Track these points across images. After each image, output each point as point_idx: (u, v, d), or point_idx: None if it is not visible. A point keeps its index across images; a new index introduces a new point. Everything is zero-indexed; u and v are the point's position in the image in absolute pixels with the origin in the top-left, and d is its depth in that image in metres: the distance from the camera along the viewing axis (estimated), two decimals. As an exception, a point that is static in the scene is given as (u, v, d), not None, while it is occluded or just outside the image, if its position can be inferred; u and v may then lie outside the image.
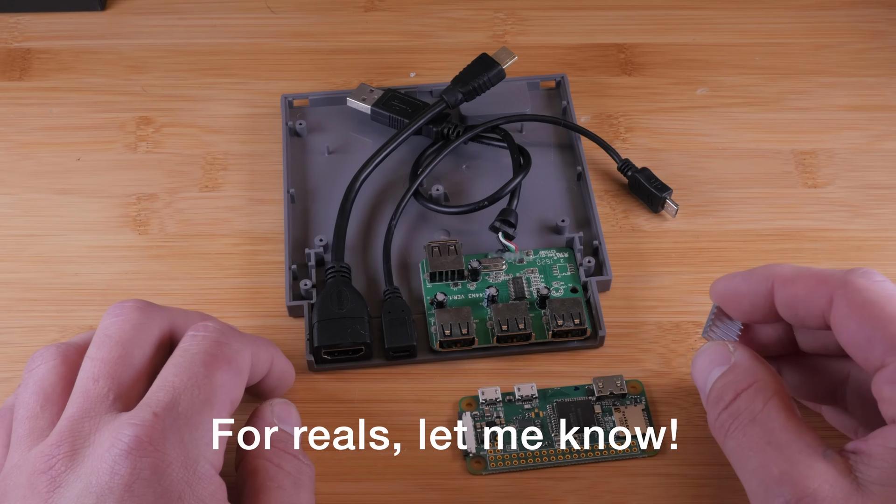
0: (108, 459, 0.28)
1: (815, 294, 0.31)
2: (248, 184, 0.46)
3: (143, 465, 0.28)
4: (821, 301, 0.30)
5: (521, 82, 0.48)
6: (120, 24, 0.52)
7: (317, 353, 0.39)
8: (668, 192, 0.44)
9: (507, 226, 0.42)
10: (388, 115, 0.46)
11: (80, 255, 0.43)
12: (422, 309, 0.41)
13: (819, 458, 0.28)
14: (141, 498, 0.28)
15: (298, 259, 0.42)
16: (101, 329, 0.33)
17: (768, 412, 0.30)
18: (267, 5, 0.53)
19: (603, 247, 0.42)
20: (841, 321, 0.30)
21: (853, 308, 0.30)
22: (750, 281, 0.33)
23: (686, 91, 0.49)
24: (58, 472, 0.29)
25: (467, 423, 0.37)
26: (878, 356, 0.29)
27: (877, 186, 0.46)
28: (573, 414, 0.37)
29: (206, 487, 0.29)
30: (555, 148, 0.47)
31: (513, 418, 0.38)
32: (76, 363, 0.33)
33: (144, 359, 0.32)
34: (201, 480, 0.29)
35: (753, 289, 0.32)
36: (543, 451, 0.37)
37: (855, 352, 0.30)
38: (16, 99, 0.49)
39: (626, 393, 0.38)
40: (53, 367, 0.33)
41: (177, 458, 0.28)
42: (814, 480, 0.28)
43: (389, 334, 0.39)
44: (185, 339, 0.32)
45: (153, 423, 0.29)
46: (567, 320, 0.39)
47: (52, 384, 0.32)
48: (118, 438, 0.28)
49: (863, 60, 0.51)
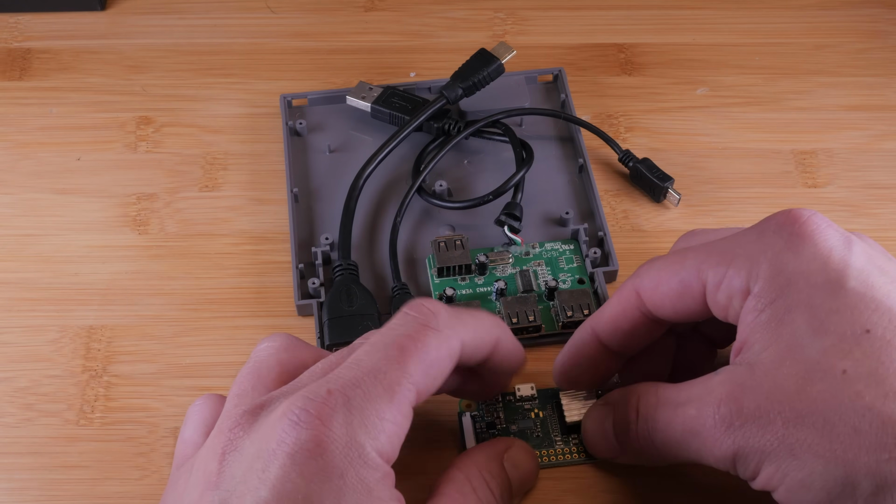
0: (278, 428, 0.28)
1: (682, 295, 0.33)
2: (249, 184, 0.46)
3: (306, 438, 0.28)
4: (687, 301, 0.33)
5: (519, 77, 0.48)
6: (120, 24, 0.52)
7: (328, 350, 0.39)
8: (669, 181, 0.44)
9: (513, 219, 0.42)
10: (388, 112, 0.46)
11: (80, 255, 0.43)
12: (431, 305, 0.41)
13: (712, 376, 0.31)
14: (302, 468, 0.27)
15: (304, 258, 0.43)
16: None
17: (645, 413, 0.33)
18: (267, 5, 0.53)
19: (608, 237, 0.42)
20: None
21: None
22: (615, 308, 0.35)
23: (686, 91, 0.49)
24: (236, 435, 0.29)
25: (467, 423, 0.37)
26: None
27: (877, 186, 0.46)
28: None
29: (370, 472, 0.28)
30: (555, 141, 0.47)
31: (513, 418, 0.37)
32: (301, 353, 0.33)
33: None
34: (366, 464, 0.28)
35: (618, 319, 0.35)
36: (543, 452, 0.37)
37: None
38: (16, 99, 0.49)
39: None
40: (276, 352, 0.33)
41: (340, 438, 0.28)
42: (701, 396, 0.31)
43: None
44: (398, 314, 0.32)
45: (325, 399, 0.29)
46: (576, 311, 0.40)
47: (268, 368, 0.32)
48: (290, 409, 0.28)
49: (863, 60, 0.51)
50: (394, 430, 0.29)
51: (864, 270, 0.29)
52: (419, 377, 0.30)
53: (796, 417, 0.28)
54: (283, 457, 0.28)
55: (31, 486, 0.37)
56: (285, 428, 0.28)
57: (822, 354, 0.28)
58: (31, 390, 0.39)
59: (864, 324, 0.28)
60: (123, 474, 0.37)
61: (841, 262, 0.30)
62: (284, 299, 0.42)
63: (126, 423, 0.38)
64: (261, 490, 0.27)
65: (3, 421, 0.38)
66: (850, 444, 0.27)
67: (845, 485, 0.27)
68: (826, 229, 0.30)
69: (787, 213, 0.31)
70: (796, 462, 0.28)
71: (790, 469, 0.28)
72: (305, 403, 0.28)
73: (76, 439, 0.38)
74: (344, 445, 0.28)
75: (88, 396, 0.39)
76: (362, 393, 0.29)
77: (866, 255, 0.30)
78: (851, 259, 0.30)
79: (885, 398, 0.27)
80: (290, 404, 0.29)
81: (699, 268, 0.32)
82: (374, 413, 0.29)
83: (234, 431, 0.29)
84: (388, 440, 0.29)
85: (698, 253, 0.32)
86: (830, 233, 0.30)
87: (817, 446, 0.28)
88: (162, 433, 0.38)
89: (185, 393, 0.39)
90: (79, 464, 0.37)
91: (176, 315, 0.41)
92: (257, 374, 0.32)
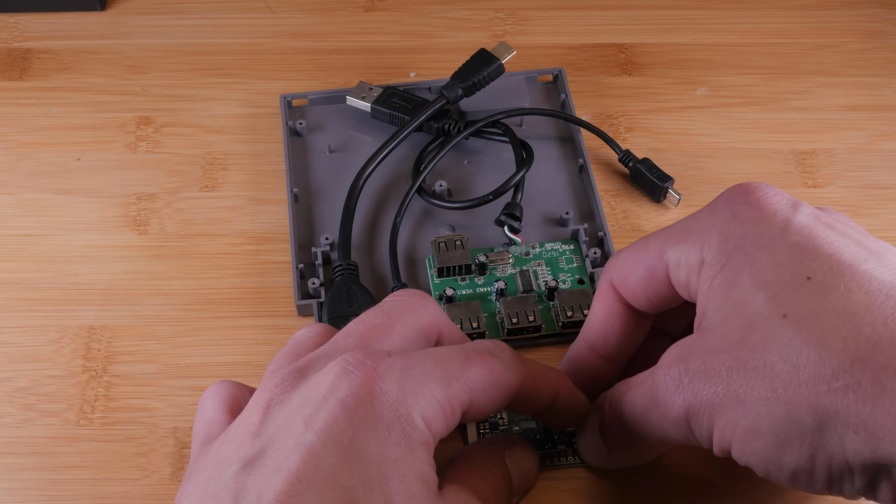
0: (331, 374, 0.28)
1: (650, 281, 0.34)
2: (249, 184, 0.46)
3: (360, 385, 0.28)
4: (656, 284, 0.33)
5: (519, 77, 0.48)
6: (120, 24, 0.52)
7: None
8: (669, 181, 0.44)
9: (513, 219, 0.42)
10: (388, 112, 0.46)
11: (80, 255, 0.43)
12: (430, 304, 0.41)
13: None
14: (352, 413, 0.28)
15: (304, 258, 0.43)
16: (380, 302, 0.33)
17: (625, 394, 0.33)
18: (267, 5, 0.53)
19: (608, 238, 0.42)
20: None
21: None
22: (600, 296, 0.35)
23: (686, 91, 0.49)
24: (283, 389, 0.29)
25: (470, 423, 0.37)
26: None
27: (877, 186, 0.46)
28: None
29: (415, 433, 0.28)
30: (555, 141, 0.47)
31: (516, 419, 0.37)
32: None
33: (403, 338, 0.31)
34: (413, 426, 0.28)
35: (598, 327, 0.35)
36: (544, 453, 0.37)
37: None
38: (16, 99, 0.49)
39: None
40: (314, 334, 0.33)
41: (392, 395, 0.28)
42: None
43: None
44: (479, 340, 0.32)
45: (384, 357, 0.29)
46: (576, 311, 0.40)
47: (306, 348, 0.32)
48: (347, 360, 0.29)
49: (863, 60, 0.51)
50: (442, 411, 0.29)
51: (808, 226, 0.30)
52: (476, 387, 0.30)
53: (738, 365, 0.28)
54: (333, 402, 0.28)
55: (31, 486, 0.37)
56: (339, 374, 0.28)
57: (764, 305, 0.29)
58: (31, 390, 0.39)
59: (804, 272, 0.29)
60: (123, 474, 0.37)
61: (783, 221, 0.30)
62: (284, 299, 0.42)
63: (126, 423, 0.38)
64: (306, 434, 0.27)
65: (3, 421, 0.38)
66: (790, 382, 0.27)
67: (790, 423, 0.27)
68: (773, 196, 0.31)
69: (736, 187, 0.32)
70: (742, 409, 0.28)
71: (739, 417, 0.28)
72: (365, 356, 0.29)
73: (76, 439, 0.38)
74: (394, 401, 0.28)
75: (88, 396, 0.39)
76: (421, 370, 0.29)
77: (813, 214, 0.31)
78: (795, 217, 0.30)
79: (822, 334, 0.27)
80: (349, 356, 0.29)
81: (660, 249, 0.32)
82: (426, 389, 0.29)
83: (281, 387, 0.29)
84: (436, 416, 0.29)
85: (658, 236, 0.33)
86: (777, 199, 0.31)
87: (760, 388, 0.28)
88: (162, 433, 0.38)
89: (185, 393, 0.39)
90: (79, 464, 0.37)
91: (176, 315, 0.41)
92: (294, 353, 0.32)
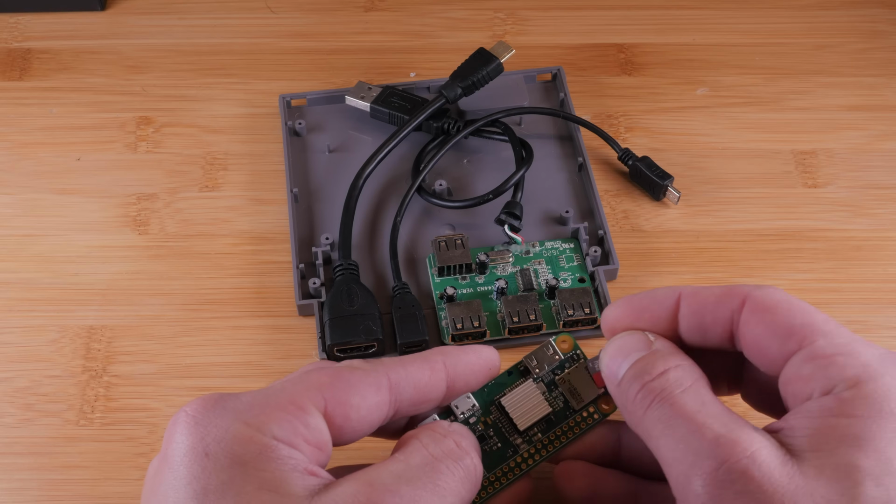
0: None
1: (723, 301, 0.31)
2: (248, 184, 0.46)
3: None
4: (729, 307, 0.30)
5: (518, 76, 0.48)
6: (120, 24, 0.52)
7: (330, 350, 0.39)
8: (669, 179, 0.44)
9: (513, 218, 0.42)
10: (387, 111, 0.46)
11: (80, 255, 0.43)
12: (431, 303, 0.41)
13: (752, 428, 0.28)
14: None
15: (305, 258, 0.43)
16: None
17: (697, 388, 0.29)
18: (267, 5, 0.53)
19: (608, 236, 0.42)
20: (750, 325, 0.30)
21: (763, 310, 0.29)
22: (654, 295, 0.32)
23: (686, 91, 0.49)
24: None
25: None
26: (787, 349, 0.29)
27: (877, 186, 0.46)
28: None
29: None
30: (554, 140, 0.47)
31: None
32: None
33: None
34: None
35: (659, 300, 0.32)
36: (511, 464, 0.33)
37: (758, 353, 0.30)
38: (16, 99, 0.49)
39: (562, 357, 0.34)
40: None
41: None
42: (752, 444, 0.27)
43: (401, 330, 0.39)
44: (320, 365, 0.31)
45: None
46: (577, 310, 0.40)
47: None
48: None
49: (863, 60, 0.51)
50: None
51: None
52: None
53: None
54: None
55: (31, 486, 0.37)
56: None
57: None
58: (31, 390, 0.39)
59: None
60: (123, 474, 0.37)
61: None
62: (285, 299, 0.42)
63: (126, 423, 0.38)
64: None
65: (3, 421, 0.38)
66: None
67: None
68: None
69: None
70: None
71: None
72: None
73: (76, 439, 0.38)
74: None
75: (88, 396, 0.39)
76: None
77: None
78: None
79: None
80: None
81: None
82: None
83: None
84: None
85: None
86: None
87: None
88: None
89: (185, 393, 0.39)
90: (79, 464, 0.37)
91: (176, 315, 0.41)
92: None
